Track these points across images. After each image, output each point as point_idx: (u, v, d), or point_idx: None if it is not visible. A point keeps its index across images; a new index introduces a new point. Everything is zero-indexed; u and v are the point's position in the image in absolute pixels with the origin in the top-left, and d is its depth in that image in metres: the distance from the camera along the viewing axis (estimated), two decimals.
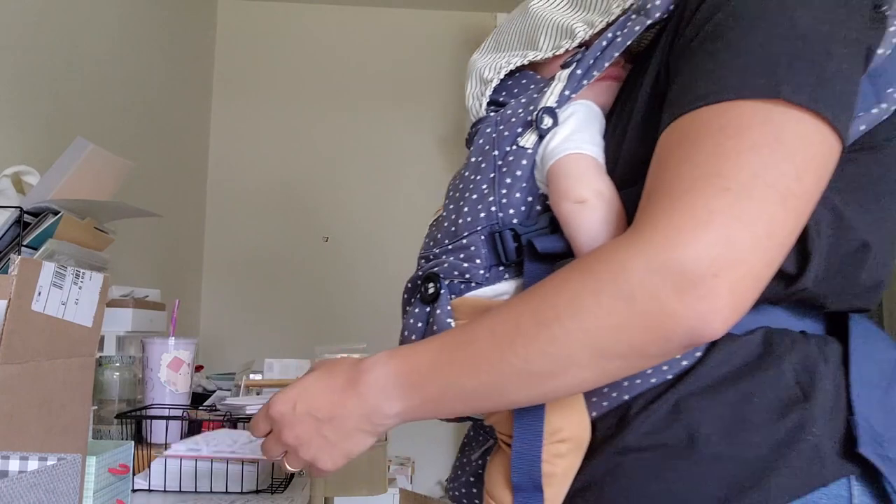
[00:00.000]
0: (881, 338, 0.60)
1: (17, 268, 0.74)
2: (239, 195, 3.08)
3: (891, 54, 0.57)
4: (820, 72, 0.51)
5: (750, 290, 0.49)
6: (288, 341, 3.00)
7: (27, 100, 1.64)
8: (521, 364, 0.52)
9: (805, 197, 0.50)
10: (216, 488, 1.03)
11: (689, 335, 0.49)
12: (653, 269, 0.48)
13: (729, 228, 0.48)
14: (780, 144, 0.49)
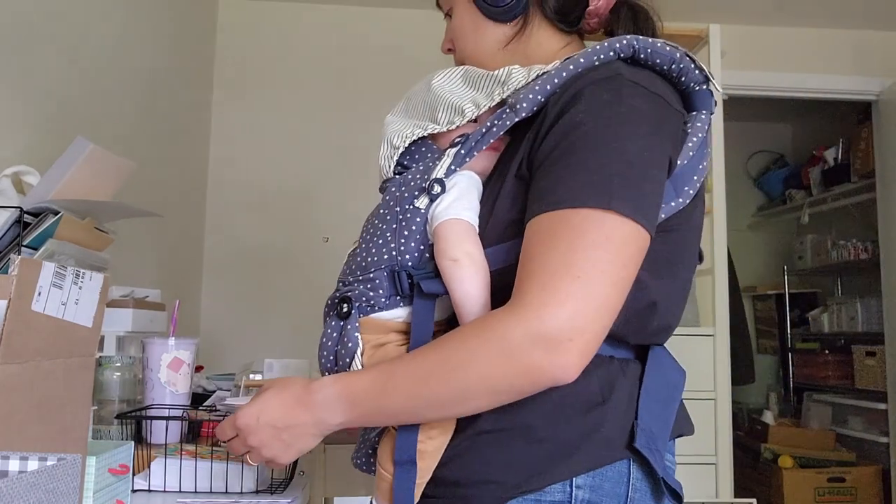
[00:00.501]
0: (671, 365, 0.85)
1: (17, 268, 0.74)
2: (239, 195, 3.08)
3: (687, 163, 0.80)
4: (639, 190, 0.73)
5: (593, 348, 0.72)
6: (288, 341, 3.00)
7: (27, 100, 1.64)
8: (433, 397, 0.74)
9: (627, 279, 0.73)
10: (216, 488, 1.03)
11: (552, 381, 0.71)
12: (527, 336, 0.69)
13: (578, 307, 0.69)
14: (611, 243, 0.71)
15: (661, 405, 0.81)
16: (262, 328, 3.01)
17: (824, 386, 3.98)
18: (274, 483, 1.09)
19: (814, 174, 4.27)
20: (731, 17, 3.23)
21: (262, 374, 1.35)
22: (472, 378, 0.72)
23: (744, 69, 3.24)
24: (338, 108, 3.16)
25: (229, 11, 3.17)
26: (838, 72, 3.32)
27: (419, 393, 0.74)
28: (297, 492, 1.07)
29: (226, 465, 1.04)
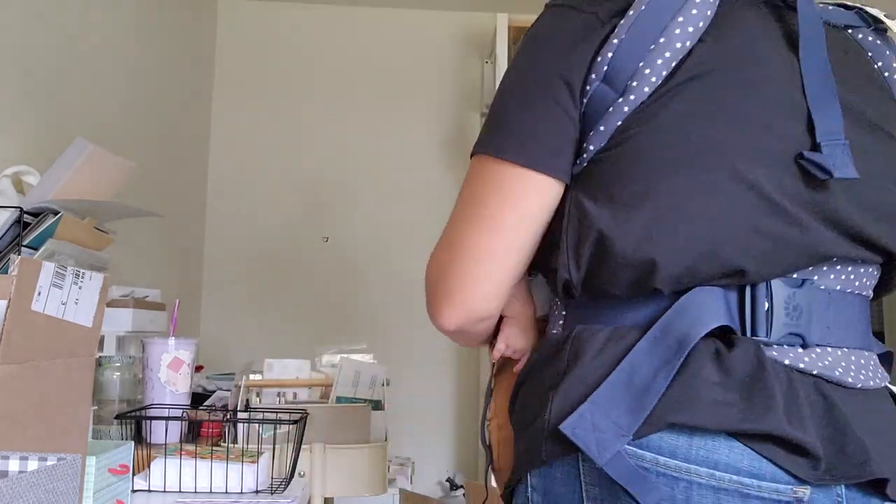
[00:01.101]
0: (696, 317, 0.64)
1: (16, 268, 0.74)
2: (239, 195, 3.08)
3: (616, 52, 0.65)
4: (507, 132, 0.70)
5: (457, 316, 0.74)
6: (288, 341, 3.00)
7: (27, 100, 1.64)
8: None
9: (488, 217, 0.71)
10: (216, 488, 1.04)
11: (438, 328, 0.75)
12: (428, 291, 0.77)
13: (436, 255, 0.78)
14: (484, 186, 0.72)
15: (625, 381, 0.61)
16: (262, 328, 3.02)
17: None
18: (274, 483, 1.09)
19: None
20: None
21: (261, 374, 1.35)
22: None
23: None
24: (338, 109, 3.16)
25: (229, 12, 3.17)
26: None
27: None
28: (297, 492, 1.08)
29: (226, 464, 1.04)
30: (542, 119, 0.69)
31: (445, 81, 3.21)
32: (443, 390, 3.06)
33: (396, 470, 2.63)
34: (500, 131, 0.70)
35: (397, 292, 3.09)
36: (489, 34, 3.07)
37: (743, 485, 0.58)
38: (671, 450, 0.60)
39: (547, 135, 0.68)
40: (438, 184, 3.15)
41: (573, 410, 0.61)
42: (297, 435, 1.13)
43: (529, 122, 0.69)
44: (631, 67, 0.65)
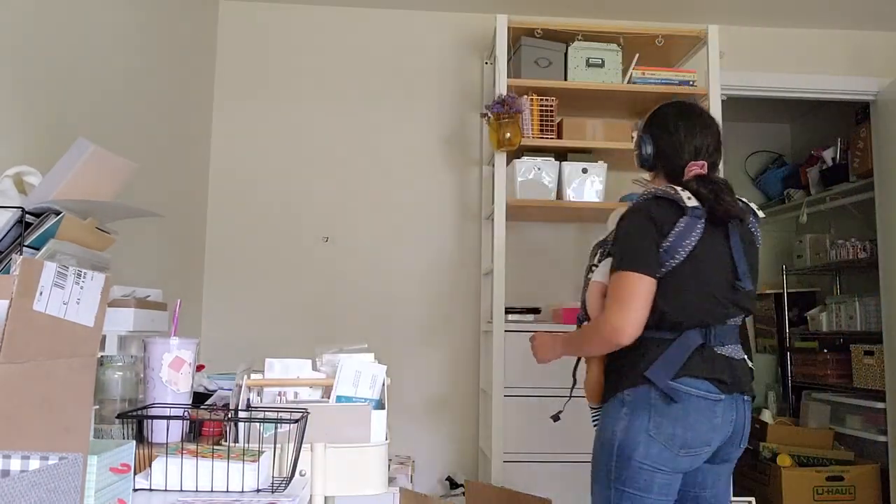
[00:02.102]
0: (693, 338, 1.61)
1: (18, 268, 0.74)
2: (240, 195, 3.09)
3: (668, 247, 1.59)
4: (638, 258, 1.59)
5: (633, 334, 1.59)
6: (288, 341, 3.01)
7: (29, 101, 1.65)
8: (581, 349, 1.77)
9: (636, 302, 1.58)
10: (217, 487, 1.04)
11: (615, 345, 1.62)
12: (606, 326, 1.61)
13: (620, 316, 1.59)
14: (630, 284, 1.59)
15: (672, 358, 1.59)
16: (263, 327, 3.02)
17: (823, 385, 3.99)
18: (275, 482, 1.09)
19: (812, 174, 4.27)
20: (730, 17, 3.23)
21: (262, 374, 1.35)
22: (587, 342, 1.70)
23: (742, 69, 3.25)
24: (338, 109, 3.16)
25: (230, 12, 3.17)
26: (836, 72, 3.33)
27: (576, 348, 1.77)
28: (298, 491, 1.08)
29: (227, 464, 1.04)
30: (651, 256, 1.61)
31: (445, 81, 3.21)
32: (443, 390, 3.07)
33: (397, 469, 2.63)
34: (642, 261, 1.60)
35: (397, 292, 3.09)
36: (489, 34, 3.07)
37: (708, 393, 1.57)
38: (684, 383, 1.57)
39: (656, 266, 1.62)
40: (438, 183, 3.16)
41: (647, 368, 1.59)
42: (297, 434, 1.13)
43: (649, 257, 1.61)
44: (675, 251, 1.59)
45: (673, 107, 1.81)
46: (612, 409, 1.63)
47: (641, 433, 1.56)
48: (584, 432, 2.61)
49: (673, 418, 1.56)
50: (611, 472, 1.60)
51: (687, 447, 1.56)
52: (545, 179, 2.79)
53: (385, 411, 1.30)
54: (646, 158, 1.78)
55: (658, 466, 1.56)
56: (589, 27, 2.86)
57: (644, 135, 1.80)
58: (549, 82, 2.80)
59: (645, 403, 1.57)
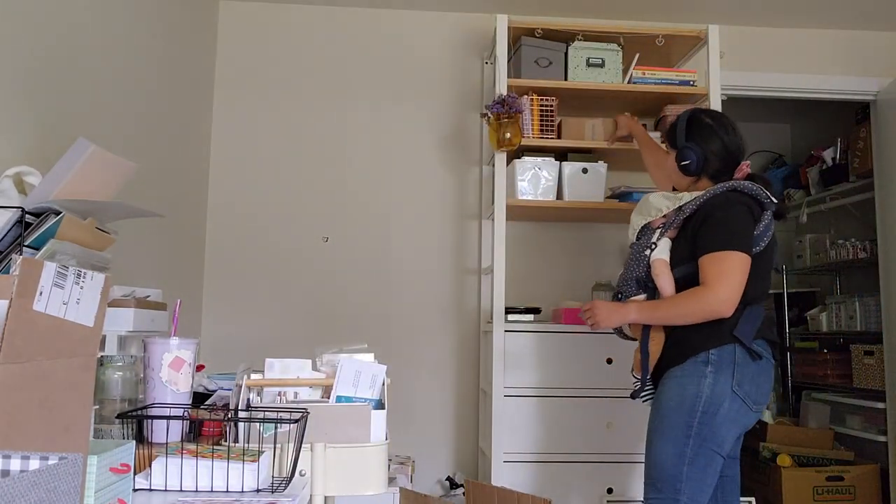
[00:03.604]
0: (760, 310, 1.83)
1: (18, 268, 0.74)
2: (240, 195, 3.09)
3: (757, 235, 1.81)
4: (744, 240, 1.79)
5: (735, 306, 1.77)
6: (288, 341, 3.01)
7: (29, 101, 1.65)
8: (667, 317, 1.85)
9: (741, 278, 1.76)
10: (217, 487, 1.04)
11: (718, 316, 1.77)
12: (715, 299, 1.76)
13: (727, 290, 1.75)
14: (736, 262, 1.77)
15: (750, 321, 1.78)
16: (263, 327, 3.02)
17: (823, 385, 3.99)
18: (275, 482, 1.09)
19: (812, 174, 4.27)
20: (730, 17, 3.23)
21: (262, 374, 1.35)
22: (684, 312, 1.79)
23: (742, 69, 3.24)
24: (338, 109, 3.16)
25: (230, 12, 3.17)
26: (836, 72, 3.33)
27: (662, 315, 1.84)
28: (298, 491, 1.08)
29: (227, 464, 1.04)
30: (750, 239, 1.81)
31: (445, 81, 3.21)
32: (443, 390, 3.07)
33: (397, 469, 2.63)
34: (743, 241, 1.78)
35: (397, 292, 3.09)
36: (489, 34, 3.07)
37: (771, 356, 1.84)
38: (761, 345, 1.80)
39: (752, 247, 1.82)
40: (438, 183, 3.16)
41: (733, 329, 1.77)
42: (297, 434, 1.13)
43: (749, 240, 1.80)
44: (759, 240, 1.81)
45: (707, 114, 1.99)
46: (693, 369, 1.76)
47: (727, 389, 1.72)
48: (584, 432, 2.62)
49: (751, 376, 1.75)
50: (691, 427, 1.73)
51: (758, 403, 1.77)
52: (545, 179, 2.79)
53: (385, 411, 1.30)
54: (694, 166, 1.93)
55: (735, 421, 1.74)
56: (589, 27, 2.86)
57: (689, 145, 1.94)
58: (549, 82, 2.79)
59: (729, 362, 1.74)
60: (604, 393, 2.61)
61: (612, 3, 3.11)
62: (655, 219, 1.94)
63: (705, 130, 1.94)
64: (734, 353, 1.75)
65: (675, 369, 1.80)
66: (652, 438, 1.80)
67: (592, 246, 3.16)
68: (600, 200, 2.81)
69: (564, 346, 2.63)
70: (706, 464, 1.73)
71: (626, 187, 2.90)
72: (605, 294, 2.93)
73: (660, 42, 2.87)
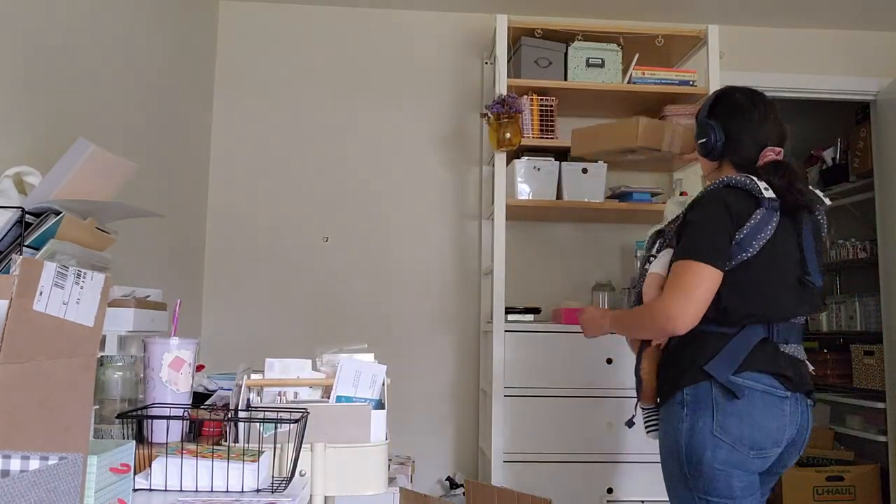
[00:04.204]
0: (756, 333, 1.54)
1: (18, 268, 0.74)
2: (240, 195, 3.09)
3: (741, 239, 1.52)
4: (709, 248, 1.52)
5: (689, 324, 1.51)
6: (288, 341, 3.01)
7: (29, 101, 1.65)
8: (630, 329, 1.72)
9: (700, 293, 1.50)
10: (217, 487, 1.04)
11: (668, 333, 1.56)
12: (661, 312, 1.53)
13: (678, 304, 1.51)
14: (696, 274, 1.50)
15: (733, 350, 1.52)
16: (263, 327, 3.02)
17: (823, 385, 3.99)
18: (275, 482, 1.09)
19: (812, 174, 4.27)
20: (730, 17, 3.23)
21: (262, 374, 1.35)
22: (637, 324, 1.64)
23: (742, 70, 3.24)
24: (338, 109, 3.16)
25: (230, 13, 3.17)
26: (836, 72, 3.33)
27: (624, 326, 1.71)
28: (298, 491, 1.08)
29: (227, 464, 1.04)
30: (722, 248, 1.54)
31: (445, 81, 3.21)
32: (443, 390, 3.07)
33: (397, 469, 2.63)
34: (712, 251, 1.53)
35: (397, 292, 3.09)
36: (489, 34, 3.07)
37: (773, 388, 1.50)
38: (746, 377, 1.50)
39: (725, 258, 1.54)
40: (438, 183, 3.16)
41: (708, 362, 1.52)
42: (297, 434, 1.13)
43: (721, 249, 1.53)
44: (749, 242, 1.53)
45: (740, 91, 1.72)
46: (671, 411, 1.55)
47: (706, 434, 1.48)
48: (584, 432, 2.62)
49: (738, 417, 1.47)
50: (686, 479, 1.51)
51: (757, 448, 1.48)
52: (545, 180, 2.79)
53: (385, 411, 1.30)
54: (714, 146, 1.67)
55: (731, 467, 1.47)
56: (589, 27, 2.86)
57: (710, 121, 1.69)
58: (549, 82, 2.79)
59: (706, 402, 1.49)
60: (604, 393, 2.61)
61: (612, 3, 3.11)
62: (665, 227, 1.74)
63: (732, 108, 1.69)
64: (710, 392, 1.49)
65: (663, 409, 1.59)
66: (667, 488, 1.60)
67: (592, 246, 3.16)
68: (600, 200, 2.81)
69: (564, 346, 2.63)
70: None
71: (625, 187, 2.89)
72: (605, 294, 2.93)
73: (659, 42, 2.87)
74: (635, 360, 1.70)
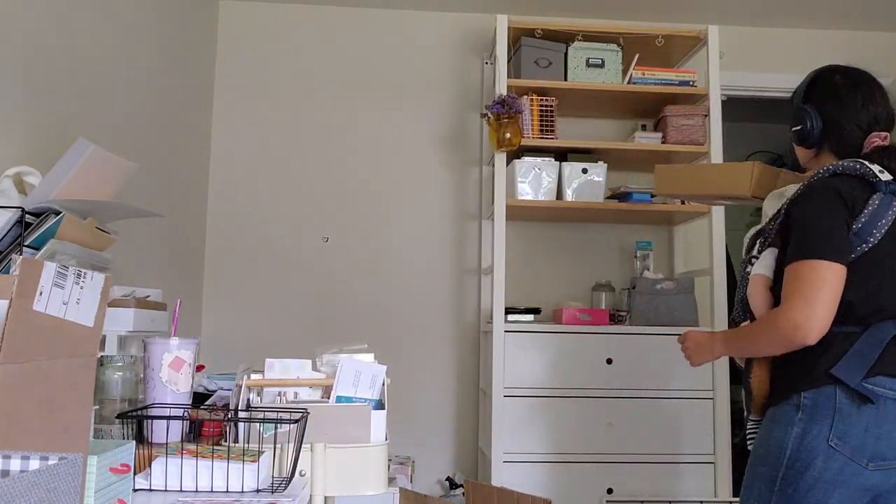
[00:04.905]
0: (888, 330, 1.40)
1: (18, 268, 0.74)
2: (240, 195, 3.09)
3: (859, 228, 1.38)
4: (828, 243, 1.37)
5: (820, 331, 1.35)
6: (288, 341, 3.01)
7: (29, 101, 1.65)
8: (749, 349, 1.50)
9: (826, 295, 1.34)
10: (217, 487, 1.04)
11: (797, 345, 1.37)
12: (787, 323, 1.37)
13: (805, 311, 1.34)
14: (818, 274, 1.35)
15: (862, 352, 1.37)
16: (263, 328, 3.02)
17: None
18: (275, 482, 1.09)
19: None
20: (730, 17, 3.23)
21: (262, 374, 1.35)
22: (758, 341, 1.46)
23: (742, 70, 3.24)
24: (338, 109, 3.16)
25: (230, 13, 3.17)
26: None
27: (740, 346, 1.52)
28: (298, 491, 1.08)
29: (227, 464, 1.04)
30: (842, 240, 1.40)
31: (445, 81, 3.21)
32: (443, 390, 3.07)
33: (396, 469, 2.63)
34: (832, 247, 1.38)
35: (397, 292, 3.09)
36: (489, 34, 3.07)
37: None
38: (879, 383, 1.36)
39: (846, 252, 1.40)
40: (438, 183, 3.16)
41: (833, 366, 1.38)
42: (297, 434, 1.13)
43: (841, 242, 1.39)
44: (870, 231, 1.39)
45: (840, 72, 1.62)
46: (781, 415, 1.41)
47: (821, 443, 1.35)
48: (584, 432, 2.62)
49: (863, 426, 1.34)
50: (774, 482, 1.39)
51: (879, 458, 1.34)
52: (545, 179, 2.79)
53: (385, 411, 1.30)
54: (810, 133, 1.57)
55: (837, 484, 1.34)
56: (589, 27, 2.86)
57: (807, 106, 1.60)
58: (549, 82, 2.80)
59: (828, 408, 1.35)
60: (604, 393, 2.61)
61: (612, 3, 3.11)
62: (766, 225, 1.59)
63: (831, 91, 1.60)
64: (834, 397, 1.35)
65: (770, 411, 1.46)
66: (742, 490, 1.50)
67: (592, 246, 3.16)
68: (600, 200, 2.81)
69: (564, 346, 2.63)
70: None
71: (625, 187, 2.89)
72: (605, 294, 2.93)
73: (659, 42, 2.87)
74: (744, 369, 1.54)
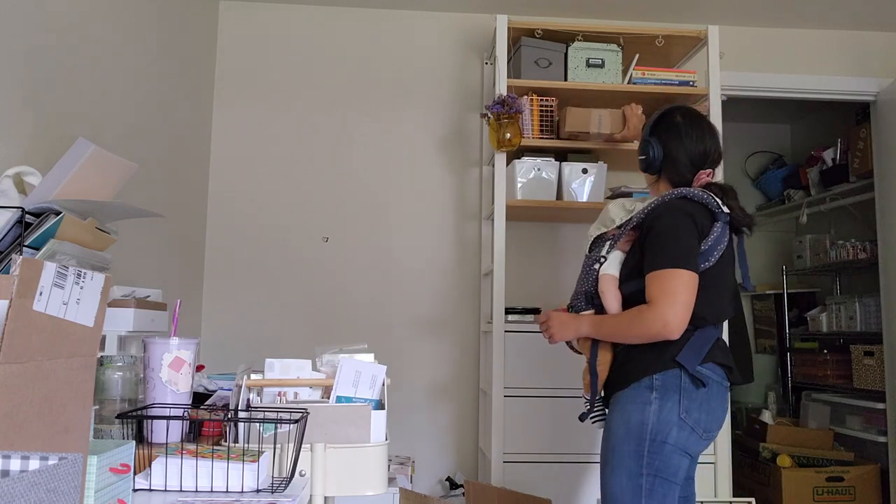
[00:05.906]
0: (713, 331, 1.72)
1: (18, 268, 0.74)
2: (240, 195, 3.09)
3: (705, 250, 1.68)
4: (688, 256, 1.65)
5: (682, 328, 1.64)
6: (288, 341, 3.01)
7: (29, 101, 1.65)
8: (615, 334, 1.73)
9: (687, 299, 1.63)
10: (217, 487, 1.04)
11: (662, 338, 1.65)
12: (658, 320, 1.63)
13: (673, 310, 1.62)
14: (681, 280, 1.63)
15: (697, 346, 1.67)
16: (263, 328, 3.02)
17: (823, 385, 3.99)
18: (274, 482, 1.09)
19: (812, 174, 4.27)
20: (730, 18, 3.23)
21: (262, 374, 1.35)
22: (628, 331, 1.68)
23: (742, 70, 3.24)
24: (338, 109, 3.16)
25: (230, 13, 3.17)
26: (836, 72, 3.33)
27: (609, 331, 1.73)
28: (298, 491, 1.08)
29: (227, 464, 1.04)
30: (695, 255, 1.68)
31: (445, 81, 3.21)
32: (443, 390, 3.06)
33: (396, 469, 2.63)
34: (688, 259, 1.65)
35: (397, 292, 3.09)
36: (489, 34, 3.07)
37: (723, 380, 1.70)
38: (709, 369, 1.67)
39: (698, 265, 1.69)
40: (438, 184, 3.16)
41: (677, 354, 1.66)
42: (297, 434, 1.13)
43: (694, 257, 1.67)
44: (710, 254, 1.68)
45: (680, 111, 1.84)
46: (637, 395, 1.66)
47: (674, 416, 1.62)
48: (584, 432, 2.62)
49: (699, 402, 1.64)
50: (642, 457, 1.62)
51: (709, 431, 1.66)
52: (545, 179, 2.79)
53: (385, 411, 1.30)
54: (652, 163, 1.81)
55: (686, 450, 1.64)
56: (589, 27, 2.86)
57: (651, 139, 1.82)
58: (549, 83, 2.80)
59: (675, 387, 1.64)
60: None
61: (612, 4, 3.11)
62: (610, 230, 1.83)
63: (672, 129, 1.81)
64: (679, 379, 1.64)
65: (621, 394, 1.70)
66: (605, 471, 1.68)
67: None
68: (600, 200, 2.81)
69: (564, 347, 2.63)
70: (664, 494, 1.61)
71: (625, 187, 2.89)
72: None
73: (660, 42, 2.87)
74: (588, 356, 1.79)
